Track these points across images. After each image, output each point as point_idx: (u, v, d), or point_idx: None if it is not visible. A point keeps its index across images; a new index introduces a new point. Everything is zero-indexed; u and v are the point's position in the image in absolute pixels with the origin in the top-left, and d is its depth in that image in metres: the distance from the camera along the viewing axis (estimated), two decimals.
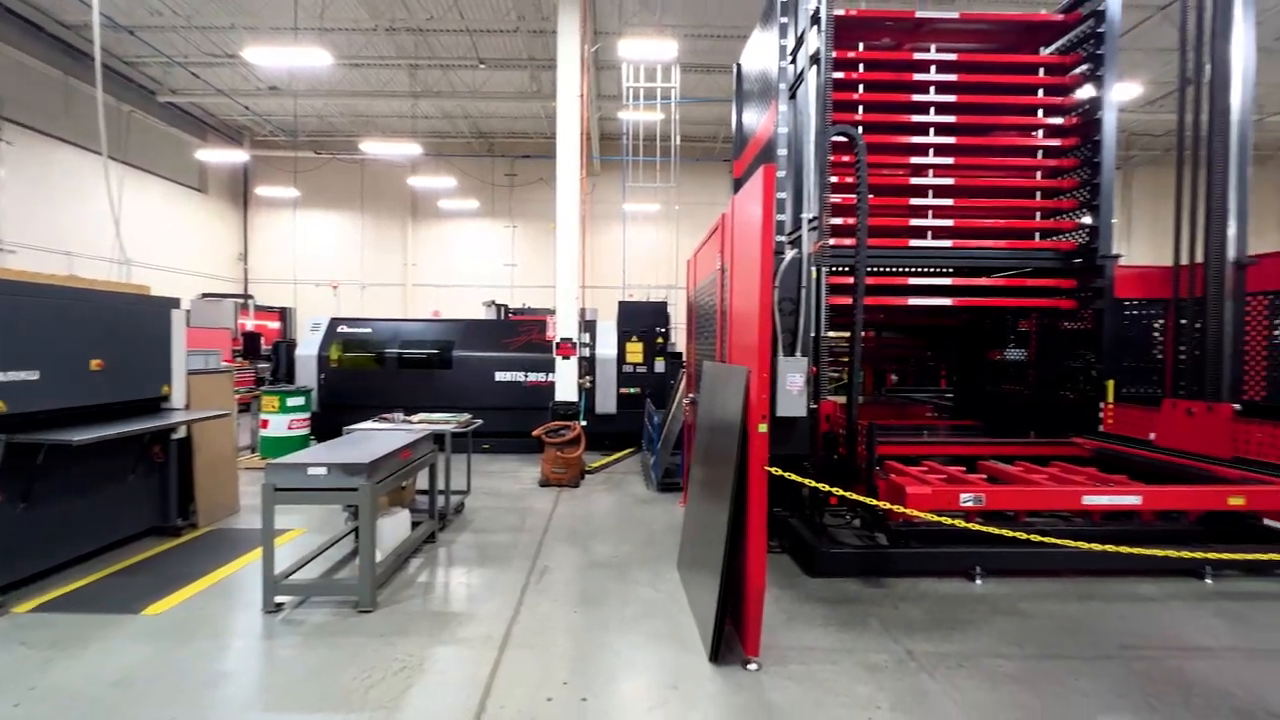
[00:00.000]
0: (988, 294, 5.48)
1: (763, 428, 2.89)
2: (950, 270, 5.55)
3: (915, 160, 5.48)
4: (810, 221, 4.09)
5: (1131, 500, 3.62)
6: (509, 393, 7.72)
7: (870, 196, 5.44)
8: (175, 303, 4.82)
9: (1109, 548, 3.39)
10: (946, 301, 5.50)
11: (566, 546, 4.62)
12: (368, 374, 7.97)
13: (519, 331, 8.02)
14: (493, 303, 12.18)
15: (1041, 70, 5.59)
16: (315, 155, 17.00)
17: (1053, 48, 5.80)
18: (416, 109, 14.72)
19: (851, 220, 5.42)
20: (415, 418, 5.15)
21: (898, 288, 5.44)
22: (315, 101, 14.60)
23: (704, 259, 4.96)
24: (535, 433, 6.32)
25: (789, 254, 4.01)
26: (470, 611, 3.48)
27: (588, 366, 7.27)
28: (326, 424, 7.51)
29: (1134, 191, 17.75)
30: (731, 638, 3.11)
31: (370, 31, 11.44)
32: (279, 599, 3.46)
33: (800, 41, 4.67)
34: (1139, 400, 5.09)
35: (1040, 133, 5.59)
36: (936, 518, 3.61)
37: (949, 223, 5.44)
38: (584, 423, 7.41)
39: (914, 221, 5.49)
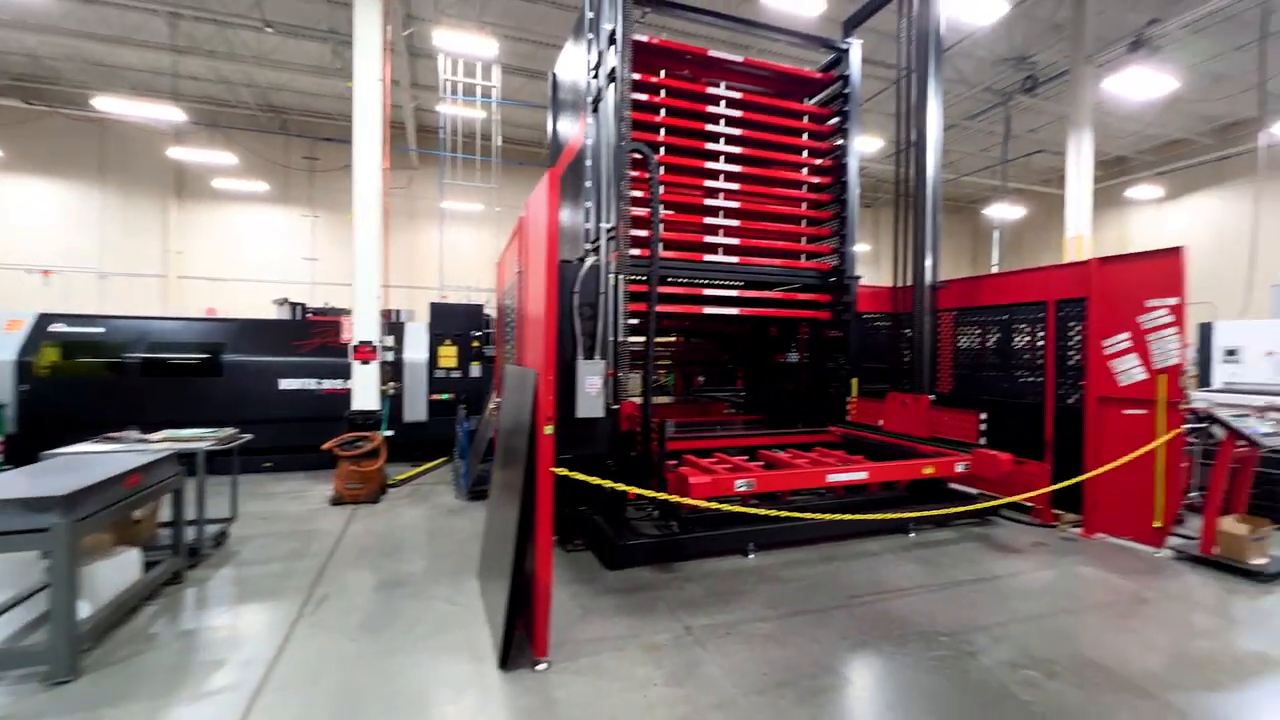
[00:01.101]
0: (765, 305, 6.28)
1: (549, 429, 2.97)
2: (742, 283, 6.27)
3: (709, 184, 6.10)
4: (609, 231, 4.31)
5: (861, 475, 4.45)
6: (298, 402, 6.84)
7: (670, 213, 5.94)
8: None
9: (843, 516, 4.12)
10: (734, 311, 6.19)
11: (355, 569, 4.24)
12: (99, 384, 6.46)
13: (312, 333, 7.17)
14: (285, 301, 10.68)
15: (806, 118, 6.59)
16: (26, 106, 13.33)
17: (814, 100, 6.88)
18: (180, 66, 12.34)
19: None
20: (157, 435, 4.31)
21: (695, 297, 5.99)
22: (26, 37, 11.48)
23: (508, 262, 4.95)
24: (326, 446, 5.70)
25: (589, 261, 4.18)
26: (218, 659, 3.01)
27: (394, 372, 6.77)
28: (33, 448, 5.90)
29: (881, 225, 21.70)
30: (525, 641, 3.14)
31: None
32: None
33: (602, 59, 4.91)
34: (874, 394, 6.25)
35: (805, 170, 6.59)
36: (717, 505, 4.05)
37: (736, 241, 6.15)
38: (389, 432, 6.88)
39: (707, 238, 6.10)
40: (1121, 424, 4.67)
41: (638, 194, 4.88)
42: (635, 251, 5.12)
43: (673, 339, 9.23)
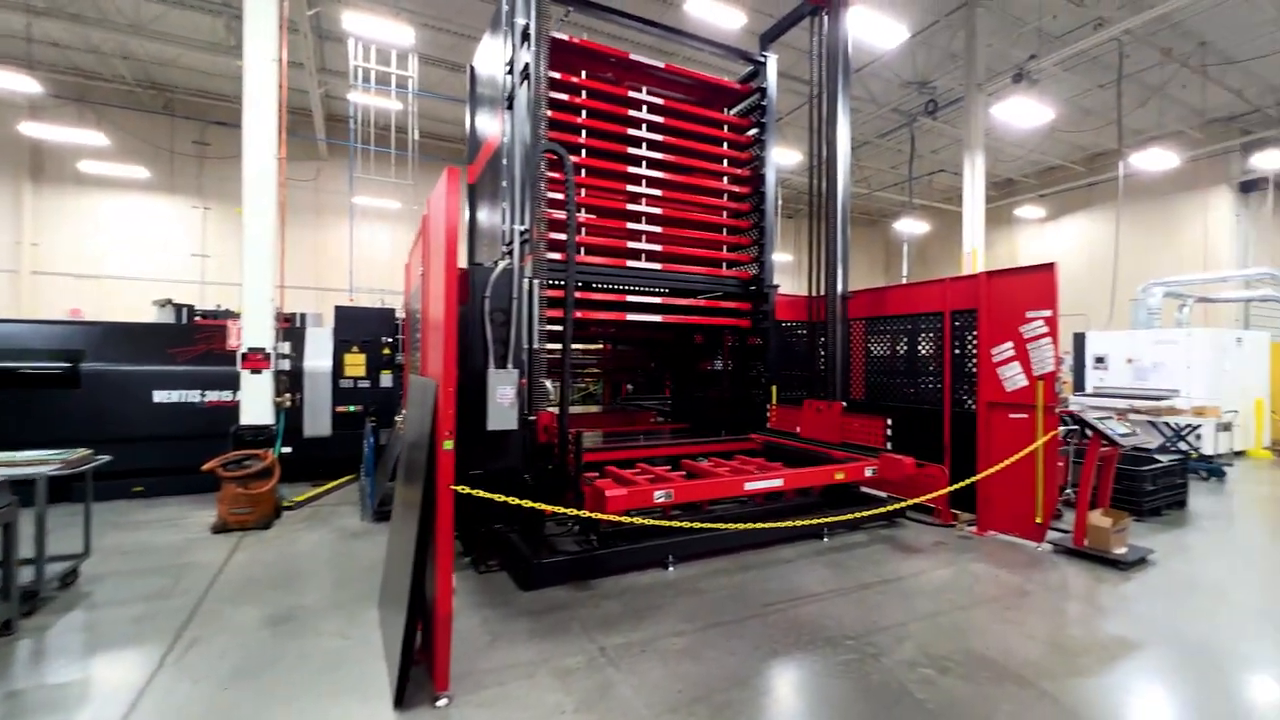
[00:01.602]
0: (687, 313, 6.30)
1: (449, 444, 2.77)
2: (666, 290, 6.26)
3: (631, 188, 6.04)
4: (522, 233, 4.14)
5: (777, 483, 4.53)
6: (177, 417, 6.12)
7: (592, 217, 5.83)
8: None
9: (758, 526, 4.16)
10: (657, 318, 6.17)
11: (235, 606, 3.80)
12: None
13: (195, 338, 6.45)
14: (169, 302, 9.59)
15: (726, 127, 6.69)
16: None
17: (734, 110, 7.00)
18: (35, 29, 10.82)
19: (578, 237, 5.72)
20: None
21: (618, 304, 5.91)
22: None
23: (414, 264, 4.66)
24: (207, 467, 5.12)
25: (501, 264, 3.99)
26: None
27: (291, 382, 6.22)
28: None
29: (803, 236, 22.64)
30: (426, 674, 2.91)
31: None
32: None
33: (516, 55, 4.72)
34: (794, 401, 6.42)
35: (726, 179, 6.69)
36: (631, 520, 3.97)
37: (659, 248, 6.14)
38: (286, 449, 6.32)
39: (631, 244, 6.04)
40: (1008, 427, 5.03)
41: (557, 195, 4.75)
42: (556, 256, 4.99)
43: (600, 346, 9.13)
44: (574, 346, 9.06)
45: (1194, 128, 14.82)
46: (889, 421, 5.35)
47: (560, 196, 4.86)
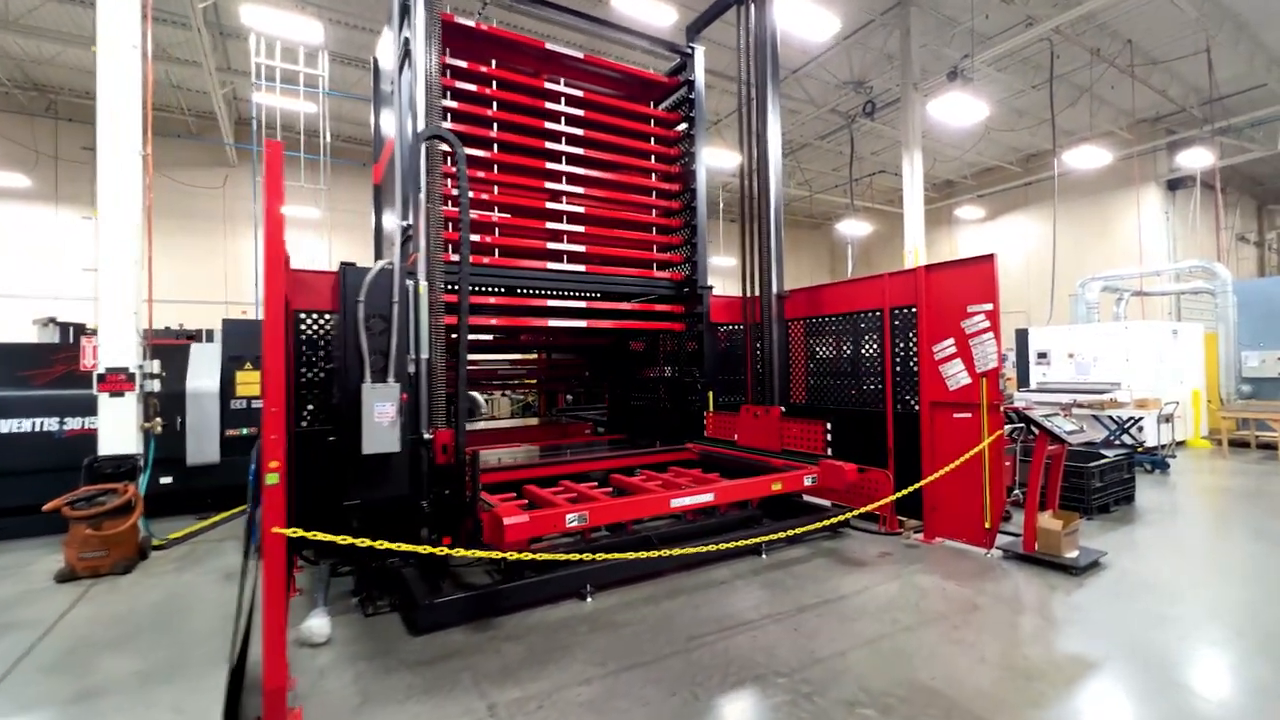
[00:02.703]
0: (615, 317, 5.87)
1: (272, 479, 2.24)
2: (596, 294, 5.81)
3: (550, 185, 5.60)
4: (404, 229, 3.63)
5: (707, 498, 4.10)
6: (26, 448, 5.31)
7: (507, 216, 5.36)
8: None
9: (687, 550, 3.70)
10: (582, 324, 5.72)
11: (51, 675, 3.12)
12: None
13: (53, 359, 5.65)
14: (52, 320, 8.64)
15: (653, 121, 6.34)
16: None
17: (663, 105, 6.66)
18: None
19: (491, 238, 5.24)
20: None
21: (539, 309, 5.44)
22: None
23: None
24: (49, 507, 4.38)
25: (378, 264, 3.48)
26: None
27: (170, 404, 5.50)
28: None
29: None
30: None
31: None
32: None
33: (400, 34, 4.25)
34: (731, 407, 6.04)
35: (654, 176, 6.32)
36: (535, 554, 3.47)
37: (582, 249, 5.70)
38: (166, 479, 5.60)
39: (551, 245, 5.59)
40: (952, 428, 4.75)
41: (471, 195, 4.25)
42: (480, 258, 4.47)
43: (534, 356, 8.61)
44: (511, 356, 8.60)
45: (1123, 128, 15.36)
46: (828, 426, 4.99)
47: (475, 196, 4.36)
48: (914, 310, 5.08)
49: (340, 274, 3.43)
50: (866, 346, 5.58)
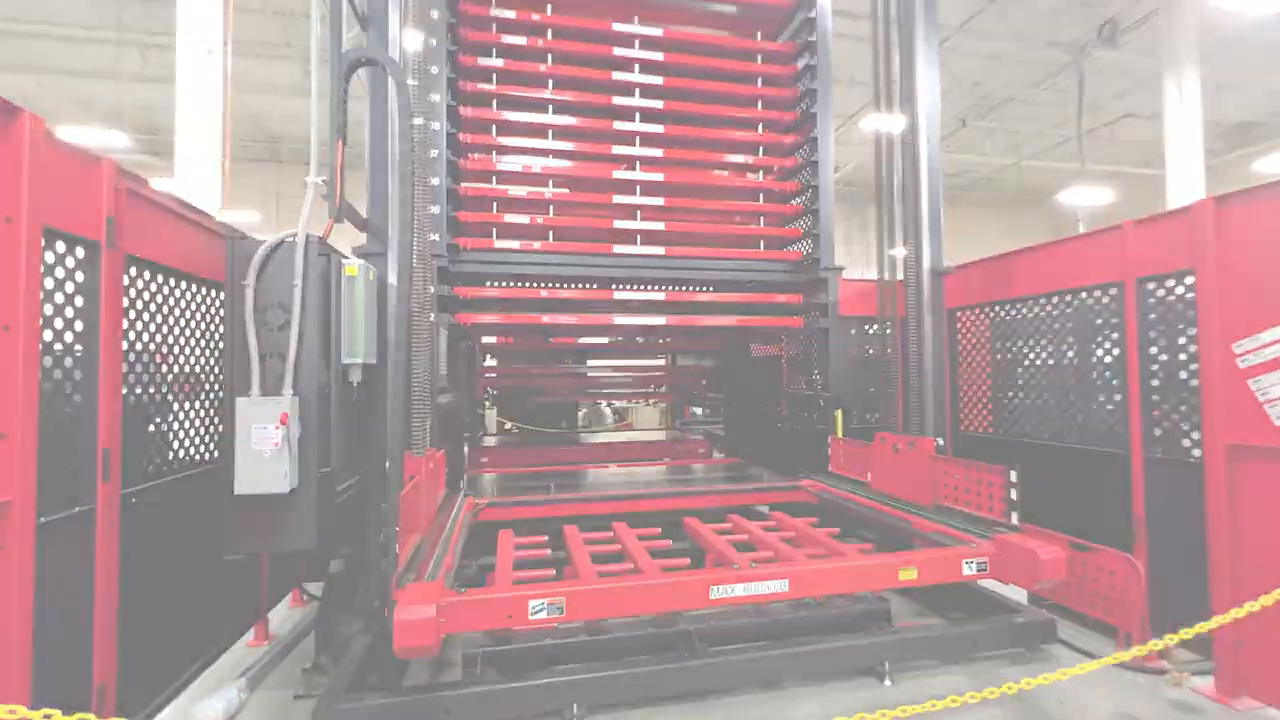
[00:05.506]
0: (699, 311, 4.61)
1: None
2: (689, 284, 4.63)
3: (620, 150, 4.53)
4: (318, 185, 2.81)
5: (776, 587, 2.59)
6: None
7: (564, 192, 4.43)
8: None
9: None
10: (661, 320, 4.57)
11: None
12: None
13: None
14: None
15: (760, 58, 4.92)
16: None
17: (779, 37, 5.17)
18: None
19: (543, 218, 4.35)
20: None
21: (593, 304, 4.42)
22: None
23: None
24: None
25: (280, 236, 2.64)
26: None
27: None
28: None
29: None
30: None
31: None
32: None
33: None
34: (861, 434, 4.33)
35: (761, 127, 4.89)
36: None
37: (660, 225, 4.53)
38: None
39: (618, 224, 4.51)
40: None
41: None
42: (510, 241, 3.60)
43: (660, 361, 7.59)
44: (639, 361, 7.63)
45: None
46: (1012, 475, 3.04)
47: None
48: (1190, 280, 2.95)
49: (228, 247, 2.67)
50: (1090, 346, 3.50)
